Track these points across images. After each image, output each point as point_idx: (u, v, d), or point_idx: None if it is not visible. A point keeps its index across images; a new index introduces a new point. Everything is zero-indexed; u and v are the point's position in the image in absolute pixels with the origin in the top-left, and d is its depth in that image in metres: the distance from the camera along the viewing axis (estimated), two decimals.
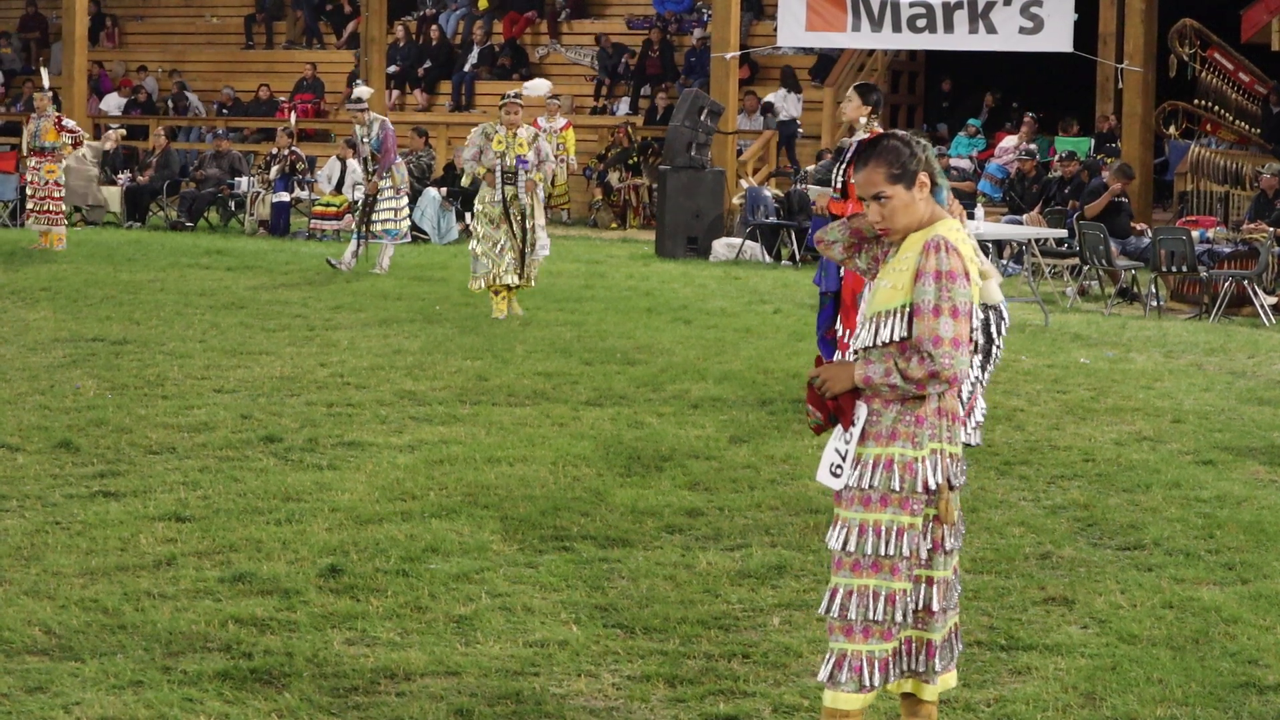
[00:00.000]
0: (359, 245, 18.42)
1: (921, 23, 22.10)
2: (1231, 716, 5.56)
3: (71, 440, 9.22)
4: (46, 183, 20.50)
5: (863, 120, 10.25)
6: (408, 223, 18.87)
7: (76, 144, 20.88)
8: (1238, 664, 6.03)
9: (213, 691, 5.53)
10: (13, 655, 5.84)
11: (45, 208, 20.50)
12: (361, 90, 18.95)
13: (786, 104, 27.30)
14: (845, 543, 4.74)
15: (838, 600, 4.73)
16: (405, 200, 18.62)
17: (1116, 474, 9.15)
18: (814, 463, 8.49)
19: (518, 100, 15.10)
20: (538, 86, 15.96)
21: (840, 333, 10.16)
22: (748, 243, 21.63)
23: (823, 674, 4.76)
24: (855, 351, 4.79)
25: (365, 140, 18.23)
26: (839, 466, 4.78)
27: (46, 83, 21.62)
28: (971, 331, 4.68)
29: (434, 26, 31.48)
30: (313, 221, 23.59)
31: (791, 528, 7.81)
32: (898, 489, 4.67)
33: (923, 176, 4.74)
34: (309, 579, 6.77)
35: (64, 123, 20.83)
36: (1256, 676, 5.91)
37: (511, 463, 8.99)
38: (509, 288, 14.81)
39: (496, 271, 14.69)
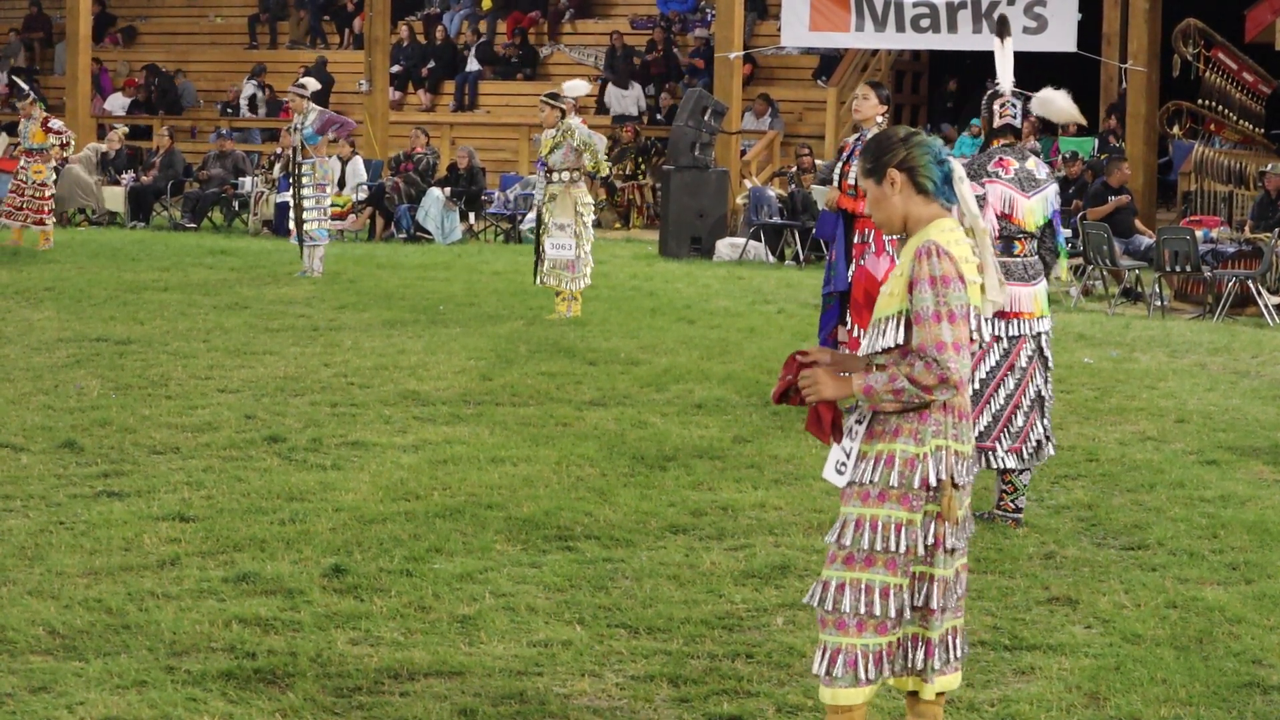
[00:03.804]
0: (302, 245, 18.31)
1: (925, 22, 22.10)
2: (1235, 716, 5.56)
3: (75, 440, 9.22)
4: (33, 183, 20.61)
5: (879, 120, 10.24)
6: (330, 223, 18.73)
7: (64, 145, 20.96)
8: (1241, 664, 6.02)
9: (216, 691, 5.53)
10: (17, 655, 5.84)
11: (29, 205, 20.56)
12: (309, 81, 19.02)
13: (624, 102, 28.01)
14: (840, 536, 4.73)
15: (830, 593, 4.71)
16: (329, 199, 18.57)
17: (1120, 474, 9.15)
18: (817, 462, 8.50)
19: (546, 101, 15.08)
20: (575, 88, 15.70)
21: (851, 330, 10.15)
22: (751, 243, 21.63)
23: (817, 668, 4.74)
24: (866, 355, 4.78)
25: (298, 129, 18.21)
26: (844, 464, 4.78)
27: (24, 87, 21.67)
28: (971, 333, 4.67)
29: (438, 26, 31.49)
30: None
31: (795, 527, 7.81)
32: (896, 485, 4.66)
33: (894, 173, 4.73)
34: (313, 579, 6.78)
35: (50, 124, 20.90)
36: (1260, 676, 5.91)
37: (515, 463, 9.00)
38: (558, 292, 14.93)
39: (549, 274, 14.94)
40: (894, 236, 7.32)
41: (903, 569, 4.68)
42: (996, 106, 8.28)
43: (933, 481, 4.65)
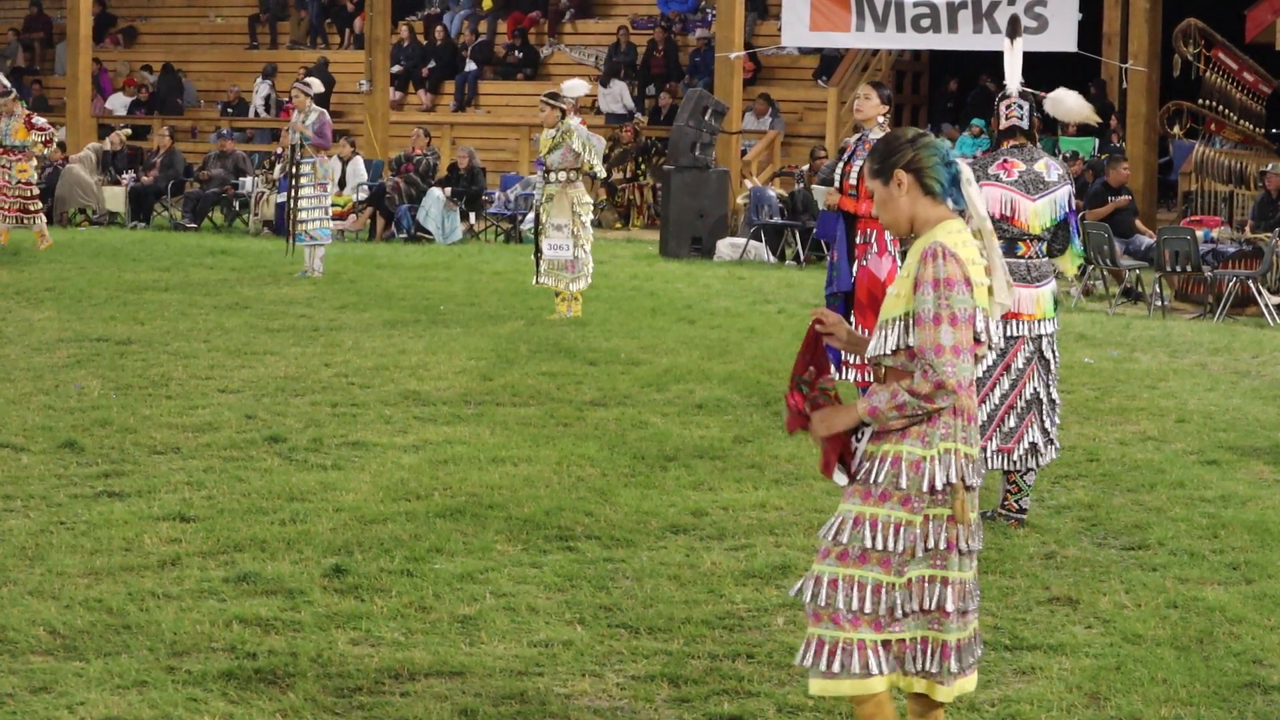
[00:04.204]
0: (294, 245, 18.26)
1: (925, 22, 22.10)
2: (1236, 716, 5.56)
3: (76, 440, 9.22)
4: (18, 181, 20.57)
5: (880, 120, 10.23)
6: (331, 223, 18.75)
7: (48, 142, 20.93)
8: (1242, 664, 6.02)
9: (217, 692, 5.53)
10: (17, 655, 5.84)
11: (18, 206, 20.55)
12: (314, 80, 19.05)
13: (606, 99, 28.01)
14: (837, 533, 4.71)
15: (822, 588, 4.68)
16: (329, 199, 18.61)
17: (1121, 474, 9.15)
18: (818, 463, 8.49)
19: (546, 100, 15.10)
20: (574, 88, 15.68)
21: (856, 330, 10.16)
22: (752, 243, 21.63)
23: (807, 661, 4.69)
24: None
25: (296, 129, 18.23)
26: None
27: (6, 84, 21.70)
28: (977, 335, 4.66)
29: (438, 26, 31.49)
30: None
31: (796, 528, 7.81)
32: (903, 486, 4.65)
33: (901, 174, 4.73)
34: (313, 579, 6.78)
35: (33, 121, 20.86)
36: (1261, 676, 5.91)
37: (515, 463, 9.00)
38: (557, 292, 14.95)
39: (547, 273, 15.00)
40: (900, 238, 7.33)
41: (896, 569, 4.66)
42: (1003, 108, 8.27)
43: (939, 484, 4.64)
